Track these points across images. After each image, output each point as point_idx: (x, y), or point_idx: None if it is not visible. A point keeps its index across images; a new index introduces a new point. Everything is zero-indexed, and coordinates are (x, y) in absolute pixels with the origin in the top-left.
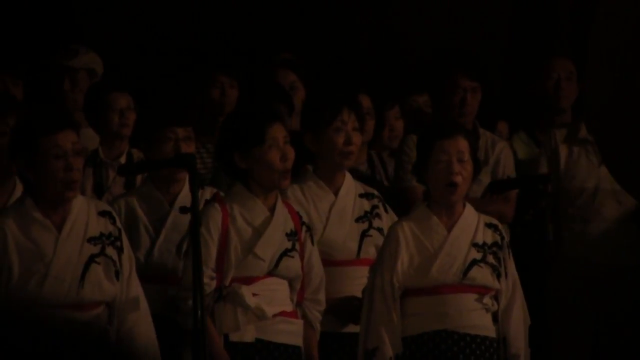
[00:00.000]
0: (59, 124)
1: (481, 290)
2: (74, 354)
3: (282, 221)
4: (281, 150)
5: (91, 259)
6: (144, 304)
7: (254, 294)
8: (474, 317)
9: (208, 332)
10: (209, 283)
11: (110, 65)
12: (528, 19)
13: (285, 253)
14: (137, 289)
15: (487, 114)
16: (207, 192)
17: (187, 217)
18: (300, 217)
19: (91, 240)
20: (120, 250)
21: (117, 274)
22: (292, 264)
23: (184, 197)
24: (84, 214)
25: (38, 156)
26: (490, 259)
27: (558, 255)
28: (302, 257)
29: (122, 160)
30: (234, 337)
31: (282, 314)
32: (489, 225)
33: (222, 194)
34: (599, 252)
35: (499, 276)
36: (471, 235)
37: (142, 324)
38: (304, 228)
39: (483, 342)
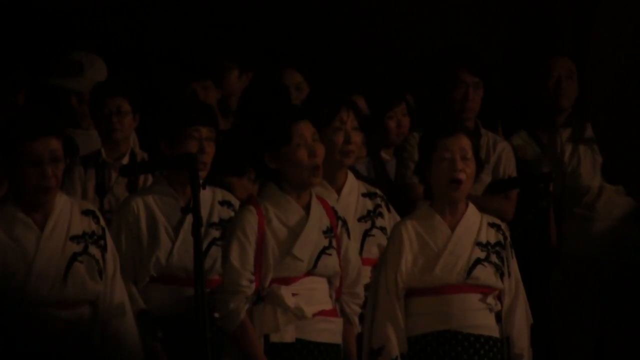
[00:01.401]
0: (38, 131)
1: (485, 290)
2: (58, 352)
3: (318, 219)
4: (309, 148)
5: (74, 258)
6: (127, 305)
7: (293, 294)
8: (478, 317)
9: (248, 335)
10: (249, 285)
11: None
12: (528, 17)
13: (323, 251)
14: (121, 290)
15: (487, 114)
16: (219, 194)
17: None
18: (336, 212)
19: (74, 238)
20: (103, 249)
21: (101, 272)
22: (331, 262)
23: (201, 197)
24: (66, 212)
25: (14, 161)
26: (494, 258)
27: (561, 254)
28: (339, 253)
29: (125, 161)
30: (274, 338)
31: (322, 313)
32: (492, 225)
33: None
34: (604, 250)
35: (502, 276)
36: (475, 234)
37: (127, 326)
38: (340, 222)
39: (487, 342)
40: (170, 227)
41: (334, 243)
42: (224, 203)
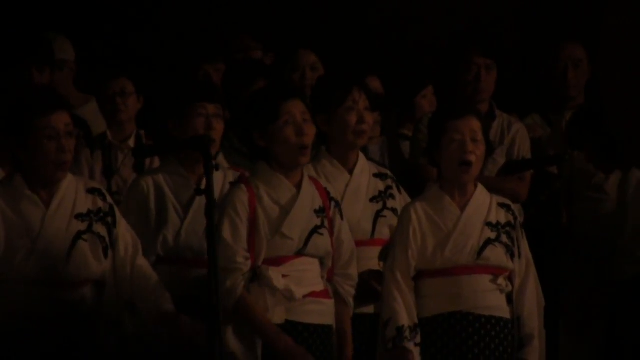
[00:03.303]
0: (52, 105)
1: (495, 271)
2: (59, 332)
3: (310, 198)
4: (297, 126)
5: (78, 236)
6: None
7: (283, 276)
8: (489, 298)
9: (250, 309)
10: (244, 262)
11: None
12: (539, 13)
13: (314, 231)
14: (142, 260)
15: (501, 97)
16: (230, 174)
17: None
18: (328, 193)
19: (79, 216)
20: (112, 225)
21: (106, 250)
22: (322, 242)
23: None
24: (72, 190)
25: (31, 137)
26: (504, 238)
27: (572, 235)
28: (331, 234)
29: (131, 142)
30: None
31: (312, 294)
32: (501, 205)
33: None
34: (613, 232)
35: (512, 256)
36: (484, 214)
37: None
38: (333, 203)
39: (497, 323)
40: (180, 207)
41: (326, 223)
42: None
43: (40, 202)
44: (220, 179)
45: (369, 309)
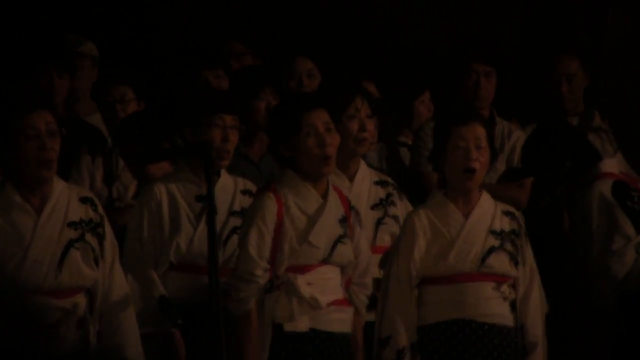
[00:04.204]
0: (31, 105)
1: (499, 278)
2: (51, 342)
3: (335, 208)
4: (320, 137)
5: (70, 244)
6: (130, 298)
7: (308, 284)
8: (492, 306)
9: (250, 328)
10: (262, 275)
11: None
12: (542, 10)
13: (339, 240)
14: (121, 280)
15: (501, 105)
16: (240, 183)
17: (224, 206)
18: (349, 202)
19: (71, 225)
20: (101, 237)
21: (97, 260)
22: (346, 250)
23: (222, 184)
24: (64, 198)
25: (11, 137)
26: (508, 246)
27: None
28: (352, 242)
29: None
30: (288, 327)
31: (335, 302)
32: (506, 213)
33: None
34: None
35: (516, 264)
36: (488, 222)
37: (131, 321)
38: (353, 212)
39: (500, 330)
40: (192, 214)
41: (348, 232)
42: (246, 192)
43: (32, 209)
44: (231, 187)
45: (373, 317)
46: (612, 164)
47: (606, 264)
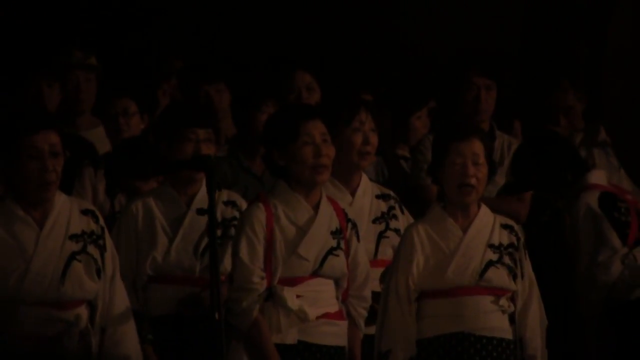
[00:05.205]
0: (37, 125)
1: (497, 291)
2: (54, 353)
3: (327, 219)
4: (316, 147)
5: (72, 256)
6: (130, 311)
7: (298, 296)
8: (491, 319)
9: (262, 334)
10: (260, 282)
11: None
12: (541, 20)
13: (330, 252)
14: (122, 293)
15: (502, 114)
16: (224, 194)
17: (204, 218)
18: (346, 214)
19: (73, 237)
20: (103, 249)
21: (99, 272)
22: (338, 263)
23: (201, 197)
24: (66, 211)
25: (15, 156)
26: (507, 260)
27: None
28: (347, 255)
29: None
30: (276, 339)
31: (326, 315)
32: (504, 226)
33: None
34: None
35: (515, 277)
36: (487, 236)
37: (132, 334)
38: (350, 225)
39: (499, 344)
40: (168, 226)
41: (342, 244)
42: (229, 203)
43: (34, 222)
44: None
45: (374, 330)
46: (600, 176)
47: (592, 275)
